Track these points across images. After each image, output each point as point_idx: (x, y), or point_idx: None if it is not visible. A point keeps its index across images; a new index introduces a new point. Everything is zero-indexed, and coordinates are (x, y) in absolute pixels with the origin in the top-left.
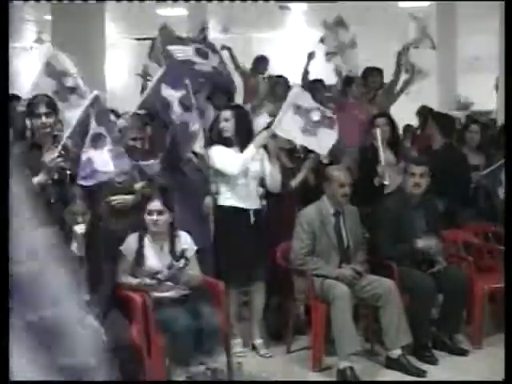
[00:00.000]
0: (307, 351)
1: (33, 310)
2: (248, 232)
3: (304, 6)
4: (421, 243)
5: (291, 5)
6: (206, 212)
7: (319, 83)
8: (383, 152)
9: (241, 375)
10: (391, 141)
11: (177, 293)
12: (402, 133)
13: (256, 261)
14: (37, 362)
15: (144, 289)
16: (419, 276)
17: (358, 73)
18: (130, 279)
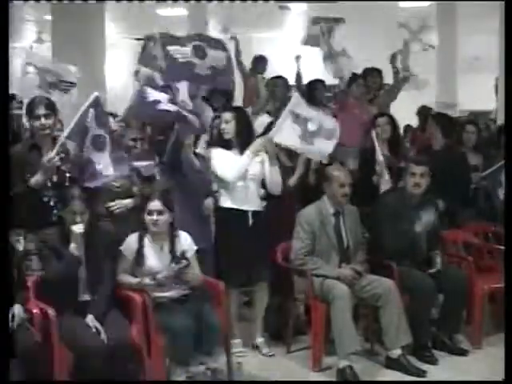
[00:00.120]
0: (307, 351)
1: None
2: (247, 233)
3: (304, 6)
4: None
5: (291, 5)
6: (207, 213)
7: (319, 83)
8: (381, 152)
9: (241, 375)
10: (392, 140)
11: (177, 293)
12: (403, 133)
13: (256, 261)
14: None
15: (144, 289)
16: (419, 276)
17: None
18: (130, 279)
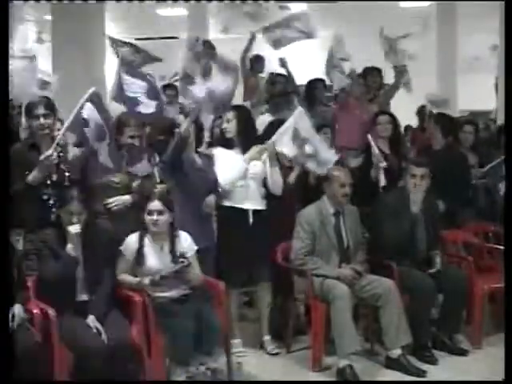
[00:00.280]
0: (307, 351)
1: None
2: (248, 232)
3: (304, 6)
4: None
5: (291, 5)
6: (208, 210)
7: (320, 82)
8: (376, 146)
9: (241, 375)
10: (393, 139)
11: (177, 293)
12: (403, 132)
13: (256, 261)
14: None
15: (144, 289)
16: (419, 276)
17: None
18: (130, 279)
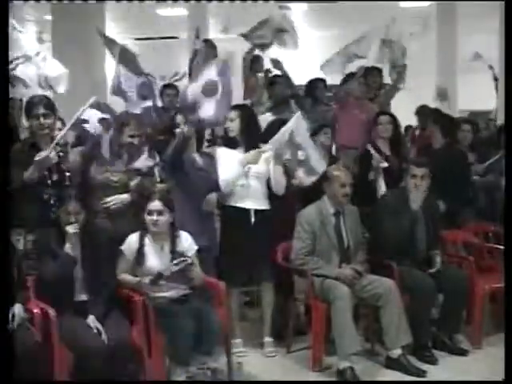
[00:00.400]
0: (307, 351)
1: None
2: (249, 232)
3: (304, 6)
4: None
5: (291, 5)
6: (209, 209)
7: (320, 82)
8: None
9: (241, 375)
10: (393, 139)
11: (177, 293)
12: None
13: (258, 261)
14: None
15: (144, 288)
16: (419, 276)
17: None
18: (130, 279)
